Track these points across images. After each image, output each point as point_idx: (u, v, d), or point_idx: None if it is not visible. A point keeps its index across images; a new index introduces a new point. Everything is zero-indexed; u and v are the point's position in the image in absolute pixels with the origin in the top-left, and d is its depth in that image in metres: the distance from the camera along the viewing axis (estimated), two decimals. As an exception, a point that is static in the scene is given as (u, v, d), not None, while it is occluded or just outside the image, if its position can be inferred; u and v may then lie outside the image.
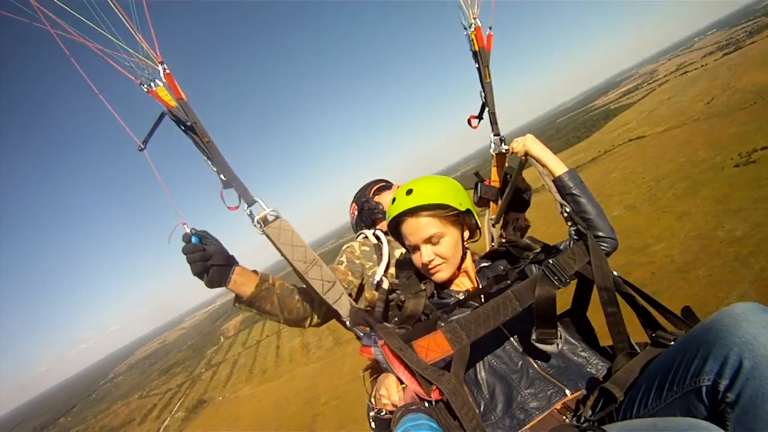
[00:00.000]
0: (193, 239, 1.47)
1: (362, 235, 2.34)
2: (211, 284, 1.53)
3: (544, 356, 1.54)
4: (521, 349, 1.57)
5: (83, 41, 1.36)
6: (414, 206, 1.65)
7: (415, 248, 1.73)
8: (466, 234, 1.81)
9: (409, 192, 1.68)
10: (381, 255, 2.16)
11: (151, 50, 1.39)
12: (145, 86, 1.43)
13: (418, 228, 1.68)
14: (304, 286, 1.72)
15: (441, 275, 1.74)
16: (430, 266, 1.72)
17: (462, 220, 1.75)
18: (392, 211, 1.73)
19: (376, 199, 2.49)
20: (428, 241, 1.69)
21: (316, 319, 1.88)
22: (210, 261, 1.49)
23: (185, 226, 1.46)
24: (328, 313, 1.91)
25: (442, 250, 1.69)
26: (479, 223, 1.85)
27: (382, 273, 2.08)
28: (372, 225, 2.44)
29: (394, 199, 1.74)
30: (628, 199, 40.59)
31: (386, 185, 2.57)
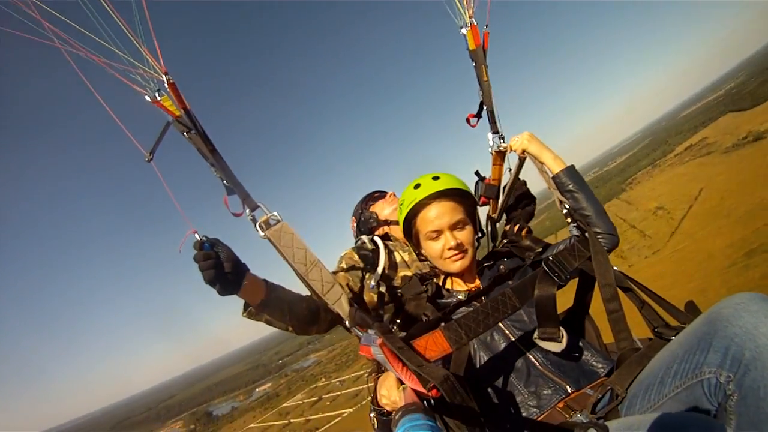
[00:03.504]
0: (205, 246, 1.45)
1: (359, 241, 2.38)
2: (223, 292, 1.51)
3: (546, 353, 1.53)
4: (522, 348, 1.57)
5: (90, 56, 1.42)
6: (447, 188, 1.69)
7: (438, 234, 1.73)
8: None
9: (436, 178, 1.72)
10: (378, 259, 2.18)
11: (155, 61, 1.43)
12: (149, 97, 1.47)
13: (447, 212, 1.70)
14: (308, 292, 1.74)
15: (461, 263, 1.75)
16: (453, 252, 1.72)
17: (475, 214, 1.80)
18: (420, 194, 1.71)
19: (371, 209, 2.55)
20: (454, 226, 1.71)
21: (323, 326, 1.90)
22: (222, 269, 1.47)
23: (196, 234, 1.46)
24: (334, 319, 1.94)
25: (464, 237, 1.72)
26: (481, 224, 1.88)
27: (379, 277, 2.10)
28: (370, 233, 2.47)
29: (418, 185, 1.75)
30: None
31: (380, 195, 2.65)
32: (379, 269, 2.12)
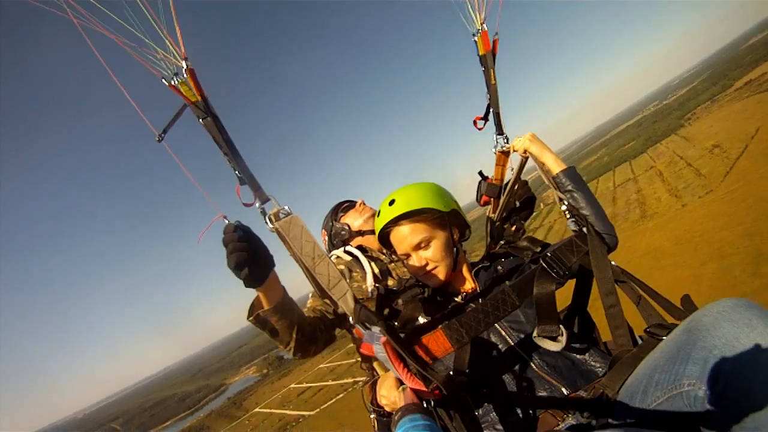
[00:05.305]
0: (239, 231, 1.43)
1: (333, 256, 2.33)
2: (250, 279, 1.46)
3: (542, 355, 1.55)
4: (519, 349, 1.59)
5: (108, 33, 1.38)
6: (397, 215, 1.69)
7: (407, 256, 1.76)
8: (456, 234, 1.82)
9: (392, 203, 1.72)
10: (362, 267, 2.17)
11: (176, 46, 1.41)
12: (167, 81, 1.45)
13: (405, 236, 1.72)
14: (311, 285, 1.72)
15: (436, 278, 1.76)
16: (423, 272, 1.75)
17: (448, 221, 1.77)
18: (378, 224, 1.77)
19: (342, 220, 2.51)
20: (417, 247, 1.72)
21: (320, 345, 1.90)
22: (257, 253, 1.44)
23: (225, 219, 1.44)
24: (328, 340, 1.94)
25: (431, 254, 1.72)
26: (467, 221, 1.88)
27: (372, 283, 2.09)
28: (343, 246, 2.43)
29: (379, 212, 1.77)
30: None
31: (350, 205, 2.61)
32: (370, 275, 2.12)
